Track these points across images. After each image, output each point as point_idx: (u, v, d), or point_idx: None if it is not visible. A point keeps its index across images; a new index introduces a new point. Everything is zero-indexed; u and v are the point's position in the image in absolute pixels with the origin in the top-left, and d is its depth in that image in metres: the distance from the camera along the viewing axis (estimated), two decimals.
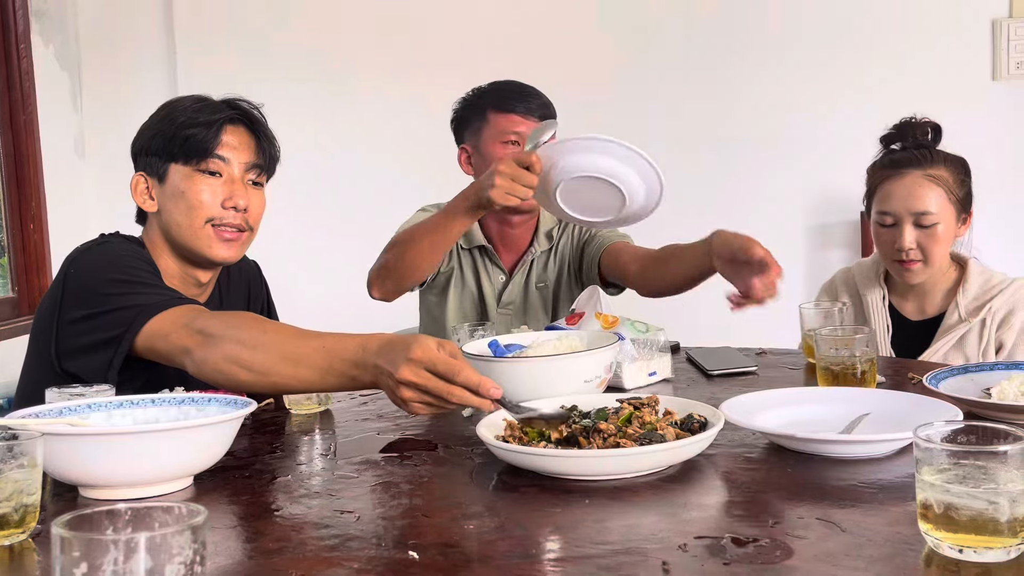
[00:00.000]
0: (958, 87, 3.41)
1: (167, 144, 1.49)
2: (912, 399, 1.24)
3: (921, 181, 1.79)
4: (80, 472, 1.05)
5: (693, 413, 1.17)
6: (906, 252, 1.79)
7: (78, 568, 0.58)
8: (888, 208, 1.81)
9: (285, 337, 1.25)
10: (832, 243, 3.64)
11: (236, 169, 1.51)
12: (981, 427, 0.84)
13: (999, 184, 3.17)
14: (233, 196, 1.50)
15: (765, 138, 3.60)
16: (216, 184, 1.50)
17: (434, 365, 1.11)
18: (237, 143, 1.51)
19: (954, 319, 1.82)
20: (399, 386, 1.13)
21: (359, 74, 3.64)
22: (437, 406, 1.15)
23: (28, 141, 3.21)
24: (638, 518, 0.93)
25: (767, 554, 0.82)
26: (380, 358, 1.15)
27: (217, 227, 1.50)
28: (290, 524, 0.96)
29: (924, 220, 1.78)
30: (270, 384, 1.25)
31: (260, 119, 1.57)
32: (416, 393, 1.13)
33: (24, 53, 3.20)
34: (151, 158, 1.51)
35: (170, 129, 1.49)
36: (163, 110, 1.54)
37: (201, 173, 1.49)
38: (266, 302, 1.78)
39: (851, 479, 1.02)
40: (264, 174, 1.57)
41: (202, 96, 1.54)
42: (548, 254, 2.10)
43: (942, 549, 0.79)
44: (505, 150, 1.93)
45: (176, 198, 1.49)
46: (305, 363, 1.21)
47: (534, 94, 1.97)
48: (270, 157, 1.57)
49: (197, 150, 1.48)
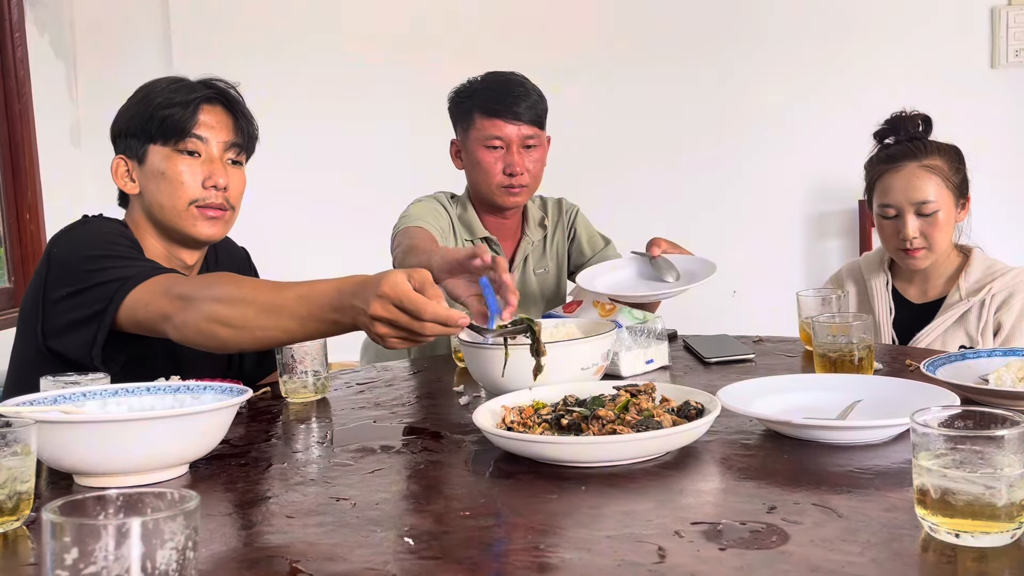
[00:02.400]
0: (957, 75, 3.40)
1: (145, 125, 1.49)
2: (909, 385, 1.24)
3: (918, 172, 1.85)
4: (75, 460, 1.04)
5: (690, 400, 1.17)
6: (910, 241, 1.85)
7: (69, 553, 0.57)
8: (889, 200, 1.87)
9: (262, 290, 1.25)
10: (830, 232, 3.63)
11: (215, 148, 1.51)
12: (978, 412, 0.83)
13: (998, 171, 3.17)
14: (213, 175, 1.50)
15: (763, 127, 3.60)
16: (196, 164, 1.50)
17: (401, 302, 1.11)
18: (214, 122, 1.51)
19: (955, 299, 1.87)
20: (373, 322, 1.13)
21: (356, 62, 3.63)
22: (412, 340, 1.15)
23: (23, 130, 3.19)
24: (634, 504, 0.93)
25: (763, 539, 0.82)
26: (355, 298, 1.15)
27: (201, 207, 1.51)
28: (286, 512, 0.96)
29: (925, 209, 1.84)
30: (252, 339, 1.24)
31: (237, 98, 1.57)
32: (390, 328, 1.13)
33: (19, 42, 3.18)
34: (130, 140, 1.52)
35: (147, 110, 1.49)
36: (140, 92, 1.54)
37: (180, 153, 1.49)
38: None
39: (848, 465, 1.02)
40: (243, 153, 1.57)
41: (178, 77, 1.55)
42: (543, 243, 2.11)
43: (939, 534, 0.79)
44: (489, 154, 1.94)
45: (157, 179, 1.50)
46: (285, 313, 1.21)
47: (522, 95, 1.94)
48: (248, 136, 1.57)
49: (175, 130, 1.48)
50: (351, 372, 1.75)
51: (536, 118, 1.95)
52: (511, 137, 1.92)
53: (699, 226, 3.63)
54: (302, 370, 1.50)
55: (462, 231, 2.01)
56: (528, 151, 1.95)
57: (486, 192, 1.97)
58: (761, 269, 3.58)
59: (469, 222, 2.02)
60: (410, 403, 1.48)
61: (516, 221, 2.08)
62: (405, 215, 1.96)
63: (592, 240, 2.14)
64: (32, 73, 3.22)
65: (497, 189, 1.95)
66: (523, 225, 2.09)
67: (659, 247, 1.79)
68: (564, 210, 2.15)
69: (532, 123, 1.94)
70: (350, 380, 1.66)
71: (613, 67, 3.63)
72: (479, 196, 2.02)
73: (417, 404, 1.48)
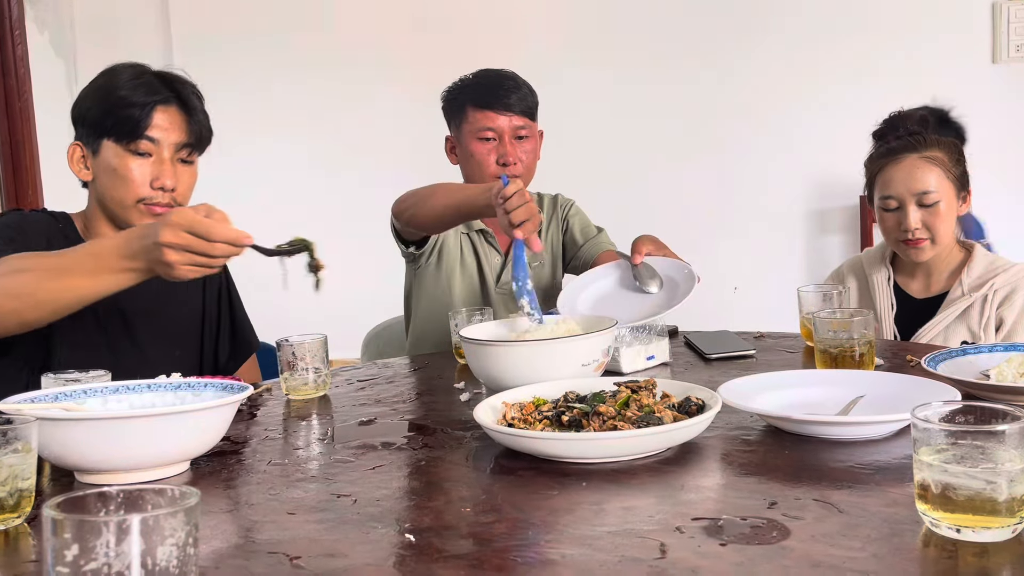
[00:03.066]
0: (958, 70, 3.40)
1: (101, 119, 1.51)
2: (910, 381, 1.24)
3: (919, 163, 1.85)
4: (76, 457, 1.04)
5: (691, 396, 1.17)
6: (912, 232, 1.85)
7: (69, 550, 0.57)
8: (890, 192, 1.87)
9: (48, 257, 1.29)
10: (831, 228, 3.63)
11: (166, 150, 1.53)
12: (979, 407, 0.83)
13: (999, 165, 3.16)
14: (161, 177, 1.52)
15: (765, 124, 3.59)
16: (146, 164, 1.52)
17: (192, 226, 1.18)
18: (168, 124, 1.52)
19: (957, 294, 1.87)
20: (162, 250, 1.19)
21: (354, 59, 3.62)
22: (203, 264, 1.22)
23: (24, 128, 3.19)
24: (635, 500, 0.93)
25: (764, 535, 0.81)
26: (144, 239, 1.22)
27: (148, 204, 1.53)
28: (287, 508, 0.96)
29: (926, 199, 1.84)
30: (38, 303, 1.26)
31: (192, 98, 1.57)
32: (180, 254, 1.20)
33: (19, 40, 3.18)
34: (86, 129, 1.54)
35: (105, 104, 1.51)
36: (102, 79, 1.55)
37: (131, 153, 1.51)
38: (224, 282, 1.78)
39: (848, 461, 1.02)
40: (195, 152, 1.58)
41: (140, 70, 1.55)
42: (538, 236, 2.11)
43: (940, 529, 0.79)
44: (482, 146, 1.95)
45: (108, 173, 1.52)
46: (73, 271, 1.24)
47: (512, 88, 1.97)
48: (200, 136, 1.58)
49: (128, 131, 1.50)
50: (352, 369, 1.75)
51: (527, 109, 1.98)
52: (503, 128, 1.95)
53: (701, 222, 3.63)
54: (303, 367, 1.50)
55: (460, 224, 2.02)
56: (520, 142, 1.97)
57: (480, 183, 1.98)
58: (762, 265, 3.58)
59: None
60: (411, 399, 1.48)
61: None
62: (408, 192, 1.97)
63: (585, 229, 2.14)
64: (32, 71, 3.22)
65: (491, 179, 1.96)
66: None
67: (640, 254, 1.76)
68: (560, 204, 2.16)
69: (523, 114, 1.97)
70: (351, 377, 1.66)
71: (614, 65, 3.62)
72: None
73: (418, 400, 1.48)
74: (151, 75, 1.55)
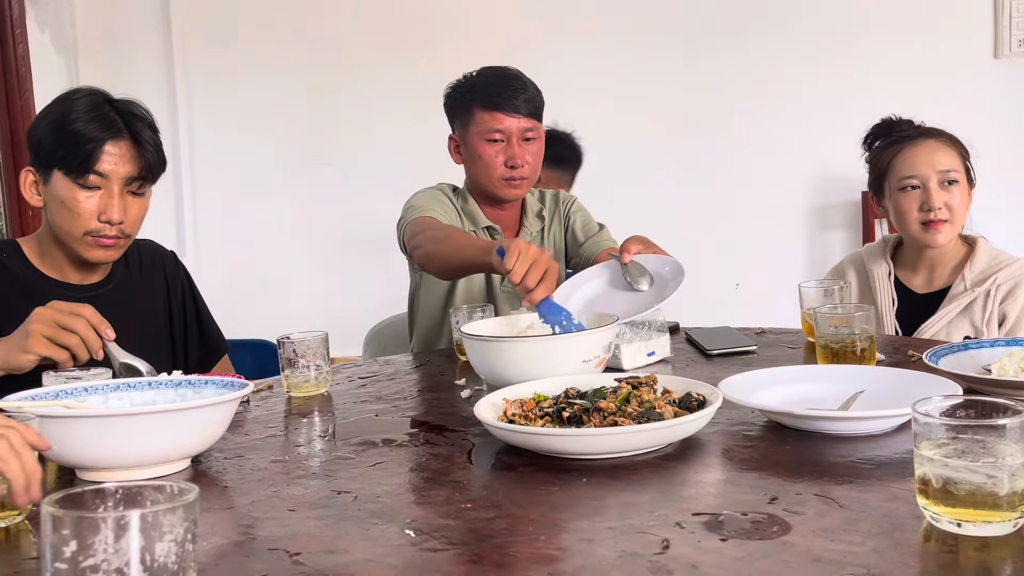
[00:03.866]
0: (960, 64, 3.39)
1: (52, 151, 1.51)
2: (912, 376, 1.24)
3: (939, 144, 1.87)
4: (77, 455, 1.04)
5: (691, 391, 1.16)
6: (936, 211, 1.83)
7: (68, 546, 0.57)
8: (913, 171, 1.86)
9: None
10: (833, 223, 3.62)
11: (115, 184, 1.52)
12: (980, 402, 0.83)
13: (1000, 160, 3.15)
14: (108, 211, 1.52)
15: (767, 118, 3.59)
16: (94, 197, 1.52)
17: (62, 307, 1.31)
18: (118, 159, 1.52)
19: (960, 289, 1.86)
20: (29, 332, 1.29)
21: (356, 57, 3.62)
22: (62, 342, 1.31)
23: (25, 126, 3.19)
24: (636, 496, 0.93)
25: (764, 530, 0.81)
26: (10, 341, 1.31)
27: (95, 237, 1.53)
28: (287, 504, 0.96)
29: (949, 176, 1.84)
30: None
31: (144, 131, 1.55)
32: (45, 327, 1.30)
33: (20, 38, 3.18)
34: (38, 157, 1.54)
35: (57, 135, 1.51)
36: (57, 107, 1.54)
37: (80, 186, 1.51)
38: (188, 290, 1.79)
39: (850, 456, 1.02)
40: (145, 184, 1.58)
41: (96, 99, 1.54)
42: (541, 233, 2.12)
43: (941, 524, 0.79)
44: (490, 147, 1.95)
45: (58, 204, 1.52)
46: None
47: (520, 88, 1.96)
48: (151, 169, 1.57)
49: (78, 165, 1.50)
50: (353, 366, 1.75)
51: (534, 110, 1.97)
52: (511, 130, 1.94)
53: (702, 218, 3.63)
54: (304, 364, 1.50)
55: (466, 222, 2.02)
56: (527, 144, 1.96)
57: (487, 185, 1.98)
58: (764, 261, 3.58)
59: (472, 213, 2.03)
60: (412, 396, 1.48)
61: (515, 213, 2.10)
62: (412, 206, 1.96)
63: (587, 226, 2.14)
64: (33, 70, 3.22)
65: (498, 182, 1.96)
66: (522, 216, 2.10)
67: (629, 252, 1.75)
68: (561, 201, 2.16)
69: (530, 115, 1.96)
70: (352, 374, 1.66)
71: (615, 59, 3.62)
72: (479, 189, 2.02)
73: (419, 397, 1.48)
74: (107, 107, 1.53)
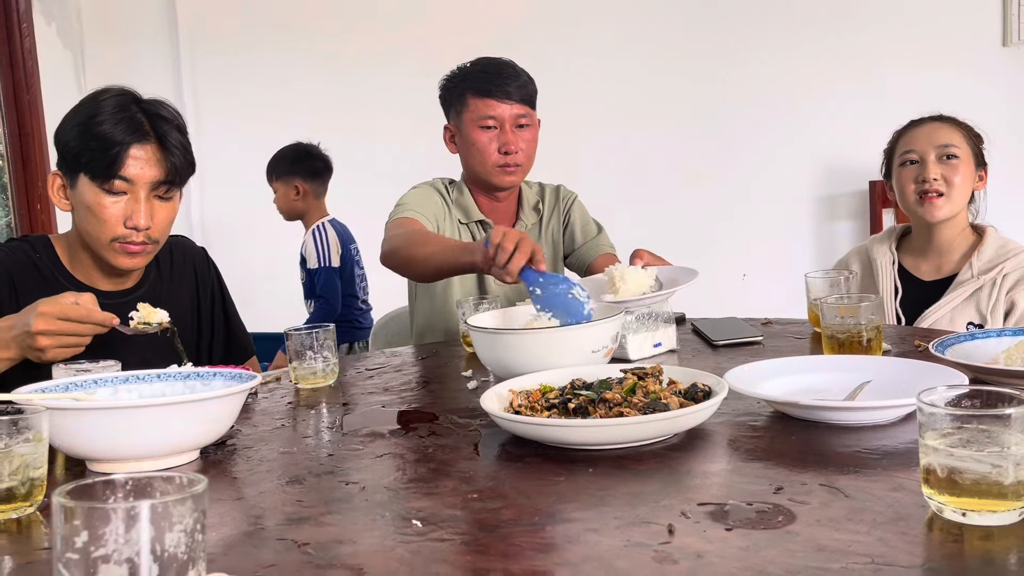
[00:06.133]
0: (968, 54, 3.37)
1: (77, 155, 1.48)
2: (918, 366, 1.24)
3: (941, 124, 1.94)
4: (87, 446, 1.05)
5: (697, 382, 1.17)
6: (931, 182, 1.88)
7: (79, 537, 0.58)
8: (912, 147, 1.93)
9: None
10: (840, 214, 3.62)
11: (141, 189, 1.49)
12: (985, 391, 0.83)
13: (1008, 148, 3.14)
14: (134, 216, 1.49)
15: (774, 108, 3.57)
16: (120, 202, 1.49)
17: (64, 314, 1.30)
18: (144, 162, 1.48)
19: (967, 276, 1.86)
20: (35, 337, 1.29)
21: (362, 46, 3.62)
22: (72, 345, 1.33)
23: (33, 120, 3.21)
24: (642, 486, 0.93)
25: (769, 519, 0.82)
26: (14, 329, 1.31)
27: (122, 243, 1.51)
28: (295, 495, 0.97)
29: (947, 151, 1.89)
30: None
31: (172, 133, 1.52)
32: (52, 339, 1.30)
33: (27, 32, 3.19)
34: (64, 161, 1.51)
35: (83, 139, 1.48)
36: (84, 107, 1.51)
37: (105, 191, 1.48)
38: (219, 291, 1.77)
39: (855, 446, 1.02)
40: (173, 188, 1.54)
41: (124, 99, 1.50)
42: (538, 227, 2.12)
43: (945, 513, 0.79)
44: (483, 134, 1.96)
45: (84, 209, 1.50)
46: None
47: (512, 76, 1.97)
48: (180, 171, 1.53)
49: (103, 170, 1.47)
50: (360, 357, 1.76)
51: (527, 97, 1.98)
52: (504, 116, 1.95)
53: (709, 209, 3.62)
54: (312, 356, 1.50)
55: (458, 214, 2.03)
56: (521, 130, 1.97)
57: (482, 172, 1.99)
58: (771, 251, 3.57)
59: (465, 206, 2.03)
60: (418, 388, 1.49)
61: (511, 204, 2.10)
62: (400, 204, 1.99)
63: (586, 227, 2.14)
64: (40, 63, 3.23)
65: (492, 168, 1.97)
66: (518, 209, 2.10)
67: (641, 259, 1.76)
68: (562, 196, 2.16)
69: (523, 102, 1.97)
70: (359, 366, 1.67)
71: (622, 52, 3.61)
72: (474, 178, 2.03)
73: (425, 389, 1.49)
74: (134, 108, 1.50)
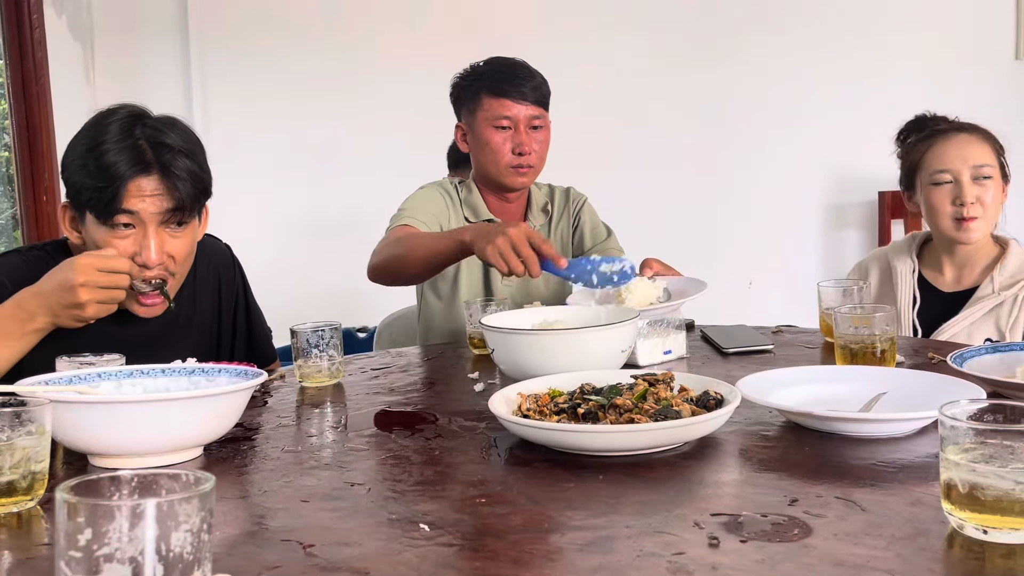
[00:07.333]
0: (980, 66, 3.36)
1: (79, 191, 1.40)
2: (934, 378, 1.22)
3: (972, 139, 1.84)
4: (89, 440, 1.04)
5: (709, 390, 1.15)
6: (968, 206, 1.80)
7: (82, 534, 0.56)
8: (945, 165, 1.83)
9: None
10: (850, 223, 3.60)
11: (149, 223, 1.40)
12: (1008, 406, 0.81)
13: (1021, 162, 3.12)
14: (142, 252, 1.40)
15: (782, 117, 3.56)
16: (128, 237, 1.40)
17: (106, 265, 1.33)
18: (148, 193, 1.38)
19: (988, 291, 1.82)
20: (76, 291, 1.31)
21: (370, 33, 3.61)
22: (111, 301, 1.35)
23: (41, 112, 3.19)
24: (653, 495, 0.92)
25: (785, 532, 0.80)
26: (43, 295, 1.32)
27: (136, 291, 1.42)
28: (300, 495, 0.95)
29: (983, 172, 1.81)
30: None
31: (179, 160, 1.41)
32: (93, 292, 1.32)
33: (37, 23, 3.18)
34: (70, 196, 1.43)
35: (83, 172, 1.39)
36: (85, 139, 1.41)
37: (111, 228, 1.39)
38: (242, 294, 1.72)
39: (870, 458, 1.00)
40: (187, 214, 1.44)
41: (127, 125, 1.40)
42: (546, 228, 2.10)
43: (966, 530, 0.77)
44: (497, 134, 1.95)
45: (93, 247, 1.41)
46: None
47: (527, 76, 1.97)
48: (190, 200, 1.42)
49: (103, 209, 1.38)
50: (366, 357, 1.75)
51: (541, 98, 1.98)
52: (519, 117, 1.95)
53: (717, 216, 3.61)
54: (317, 354, 1.49)
55: (467, 213, 2.02)
56: (535, 132, 1.97)
57: (494, 173, 1.98)
58: (778, 260, 3.56)
59: (474, 205, 2.03)
60: (425, 389, 1.48)
61: (520, 205, 2.09)
62: (400, 210, 1.98)
63: (595, 231, 2.13)
64: (49, 55, 3.22)
65: (506, 169, 1.96)
66: (527, 210, 2.09)
67: (651, 269, 1.75)
68: (571, 199, 2.15)
69: (537, 103, 1.97)
70: (365, 365, 1.65)
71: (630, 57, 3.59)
72: (486, 177, 2.02)
73: (431, 390, 1.48)
74: (137, 131, 1.40)
